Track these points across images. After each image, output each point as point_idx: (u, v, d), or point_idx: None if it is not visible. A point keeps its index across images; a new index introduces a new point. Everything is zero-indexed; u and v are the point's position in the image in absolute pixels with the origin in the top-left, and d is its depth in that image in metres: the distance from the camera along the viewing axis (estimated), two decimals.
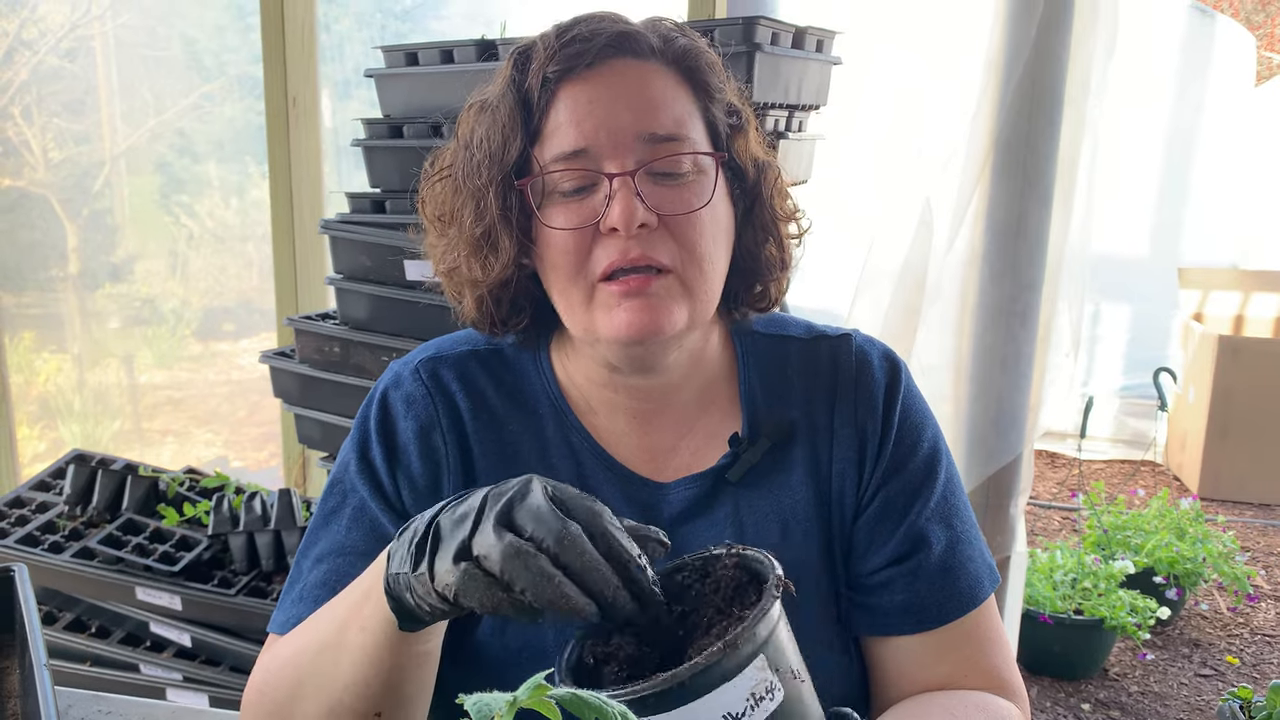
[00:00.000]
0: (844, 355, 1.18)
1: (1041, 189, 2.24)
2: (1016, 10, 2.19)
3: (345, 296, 2.32)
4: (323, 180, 3.31)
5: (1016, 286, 2.27)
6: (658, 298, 1.02)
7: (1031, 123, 2.21)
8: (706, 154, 1.05)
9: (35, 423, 4.18)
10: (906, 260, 2.45)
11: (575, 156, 1.02)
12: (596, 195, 1.02)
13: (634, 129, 1.02)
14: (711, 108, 1.08)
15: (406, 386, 1.16)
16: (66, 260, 4.15)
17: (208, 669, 2.08)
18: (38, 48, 3.94)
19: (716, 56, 1.11)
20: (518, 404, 1.16)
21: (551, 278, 1.07)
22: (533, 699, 0.56)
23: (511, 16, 2.35)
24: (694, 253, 1.03)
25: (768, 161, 1.14)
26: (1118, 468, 5.57)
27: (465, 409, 1.14)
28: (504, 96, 1.06)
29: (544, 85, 1.03)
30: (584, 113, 1.02)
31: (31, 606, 1.20)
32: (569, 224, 1.03)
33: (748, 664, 0.71)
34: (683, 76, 1.07)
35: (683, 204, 1.02)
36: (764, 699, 0.71)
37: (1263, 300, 5.57)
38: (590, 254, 1.03)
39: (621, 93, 1.03)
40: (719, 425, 1.16)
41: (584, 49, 1.03)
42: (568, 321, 1.09)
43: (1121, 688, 3.45)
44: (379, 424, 1.15)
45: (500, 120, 1.05)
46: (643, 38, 1.05)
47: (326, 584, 1.09)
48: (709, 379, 1.17)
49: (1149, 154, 5.51)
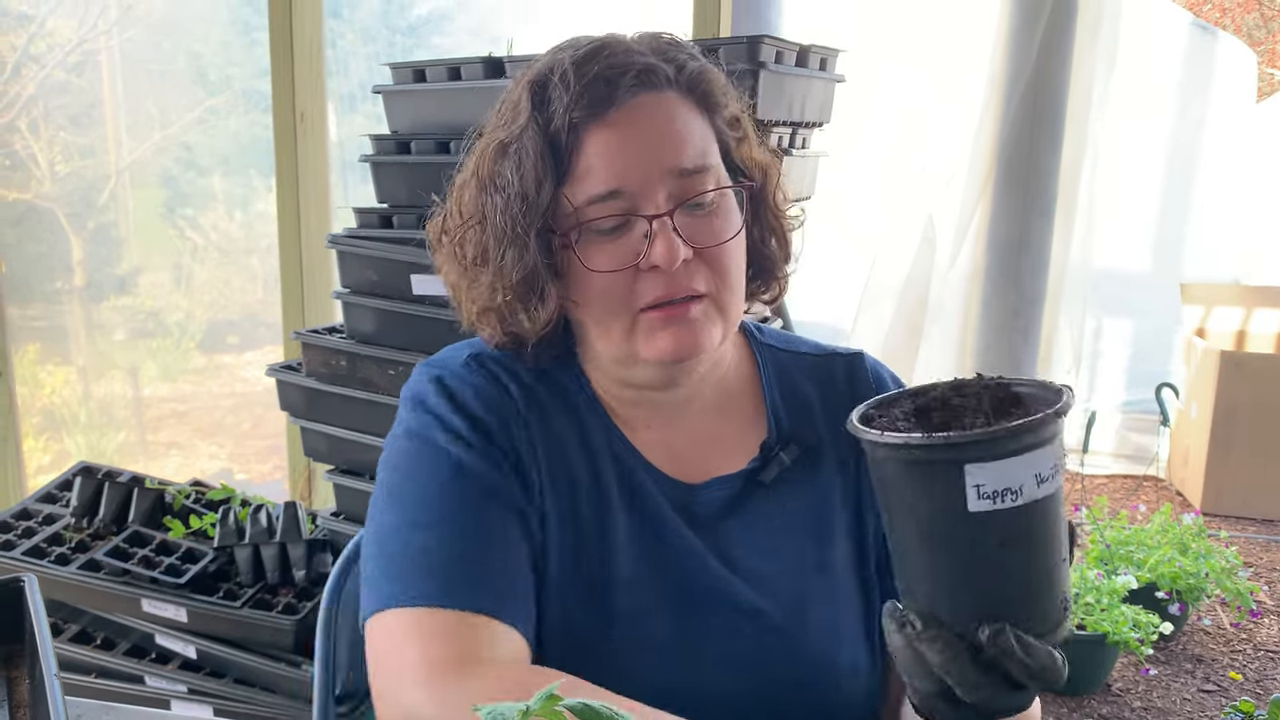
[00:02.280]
0: (860, 372, 1.23)
1: (1043, 205, 2.25)
2: (1018, 30, 2.21)
3: (352, 311, 2.34)
4: (330, 195, 3.33)
5: (1019, 302, 2.29)
6: (698, 322, 1.06)
7: (1033, 140, 2.23)
8: (735, 187, 1.09)
9: (40, 434, 4.20)
10: (909, 276, 2.47)
11: (610, 198, 1.04)
12: (634, 233, 1.05)
13: (664, 165, 1.04)
14: (720, 125, 1.11)
15: (467, 378, 1.14)
16: (72, 273, 4.17)
17: (213, 681, 2.08)
18: (45, 62, 3.97)
19: (720, 73, 1.13)
20: (561, 401, 1.17)
21: (590, 312, 1.09)
22: (545, 709, 0.57)
23: (516, 34, 2.37)
24: (726, 278, 1.07)
25: (769, 162, 1.17)
26: (1120, 483, 5.57)
27: (522, 403, 1.14)
28: (529, 138, 1.06)
29: (571, 129, 1.04)
30: (614, 152, 1.04)
31: (41, 617, 1.20)
32: (610, 265, 1.05)
33: (1054, 439, 0.82)
34: (696, 102, 1.09)
35: (714, 235, 1.06)
36: (1056, 474, 0.82)
37: (1265, 316, 5.58)
38: (632, 289, 1.05)
39: (648, 130, 1.05)
40: (741, 431, 1.19)
41: (609, 92, 1.04)
42: (604, 348, 1.11)
43: (1124, 703, 3.45)
44: (451, 404, 1.11)
45: (530, 164, 1.05)
46: (660, 70, 1.07)
47: (439, 548, 1.03)
48: (728, 387, 1.20)
49: (1151, 170, 5.52)
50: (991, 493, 0.80)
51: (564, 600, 1.09)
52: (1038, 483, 0.80)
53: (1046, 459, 0.81)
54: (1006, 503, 0.80)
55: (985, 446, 0.79)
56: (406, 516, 1.06)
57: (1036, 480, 0.80)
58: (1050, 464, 0.81)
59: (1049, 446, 0.81)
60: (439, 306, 2.20)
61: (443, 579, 1.01)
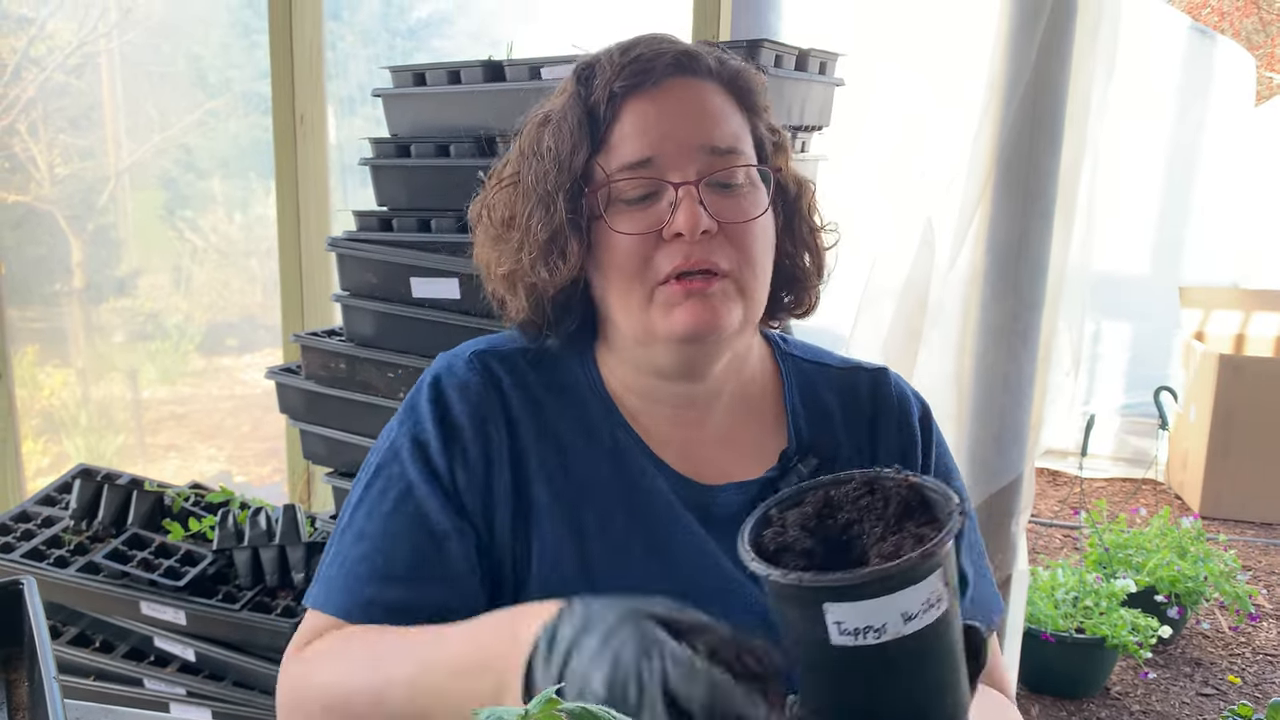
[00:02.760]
0: (884, 388, 1.25)
1: (1042, 209, 2.26)
2: (1017, 33, 2.22)
3: (352, 313, 2.34)
4: (329, 197, 3.33)
5: (1018, 305, 2.29)
6: (716, 298, 1.07)
7: (1033, 143, 2.23)
8: (764, 168, 1.12)
9: (39, 437, 4.19)
10: (908, 279, 2.47)
11: (641, 166, 1.07)
12: (660, 203, 1.07)
13: (696, 141, 1.07)
14: (759, 126, 1.15)
15: (460, 375, 1.17)
16: (71, 275, 4.17)
17: (211, 684, 2.08)
18: (45, 64, 3.97)
19: (763, 78, 1.17)
20: (564, 400, 1.18)
21: (612, 279, 1.11)
22: (544, 712, 0.58)
23: (516, 35, 2.37)
24: (749, 258, 1.09)
25: (804, 179, 1.21)
26: (1119, 486, 5.57)
27: (516, 401, 1.16)
28: (570, 109, 1.10)
29: (610, 100, 1.09)
30: (650, 124, 1.08)
31: (40, 619, 1.20)
32: (635, 229, 1.07)
33: (930, 574, 0.80)
34: (735, 96, 1.13)
35: (741, 213, 1.08)
36: (933, 606, 0.80)
37: (1264, 319, 5.59)
38: (653, 258, 1.07)
39: (685, 108, 1.09)
40: (760, 438, 1.20)
41: (649, 67, 1.09)
42: (624, 323, 1.12)
43: (1123, 707, 3.45)
44: (434, 408, 1.15)
45: (567, 130, 1.10)
46: (702, 59, 1.11)
47: (368, 559, 1.09)
48: (750, 392, 1.21)
49: (1150, 173, 5.53)
50: (852, 630, 0.79)
51: (555, 596, 1.09)
52: (904, 620, 0.79)
53: (916, 596, 0.79)
54: (869, 639, 0.79)
55: (843, 591, 0.79)
56: (355, 524, 1.13)
57: (903, 618, 0.78)
58: (922, 600, 0.79)
59: (921, 584, 0.79)
60: (438, 309, 2.20)
61: (358, 598, 1.08)
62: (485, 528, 1.12)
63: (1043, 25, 2.19)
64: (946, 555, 0.81)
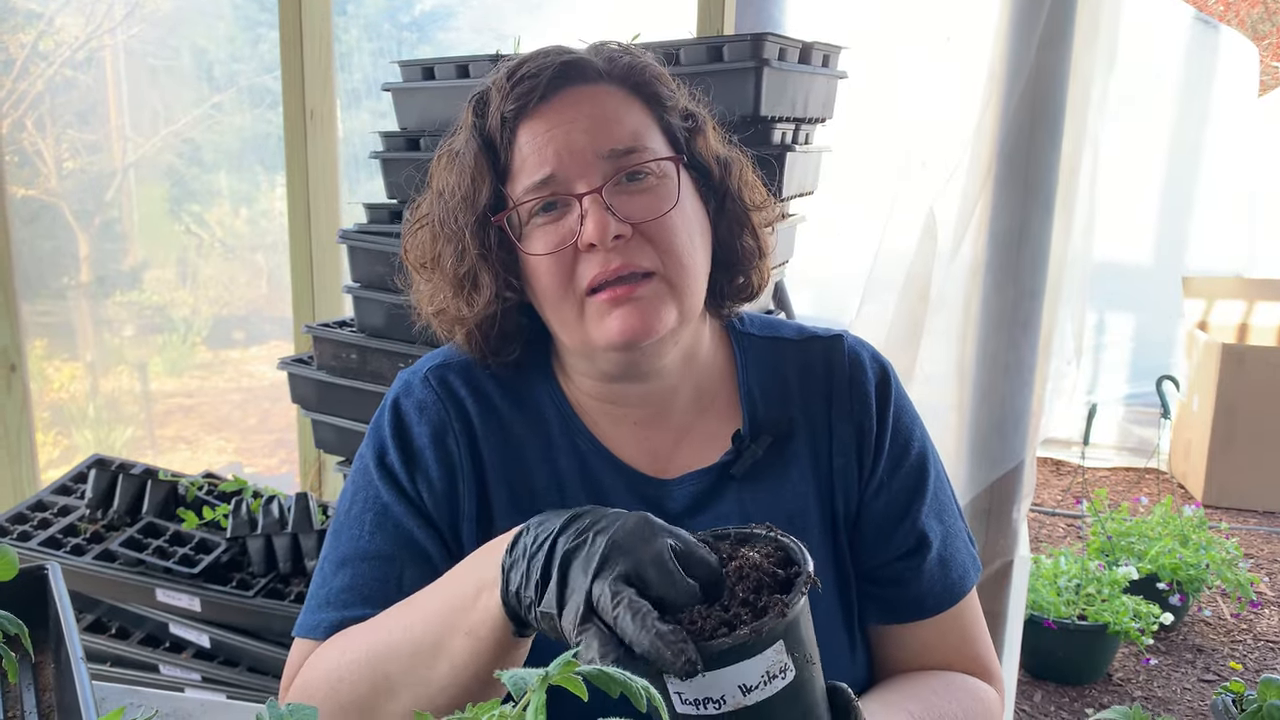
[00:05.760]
0: (837, 355, 1.23)
1: (1043, 199, 2.27)
2: (1018, 25, 2.23)
3: (363, 304, 2.37)
4: (339, 190, 3.36)
5: (1019, 295, 2.31)
6: (646, 300, 1.07)
7: (1033, 134, 2.25)
8: (665, 158, 1.10)
9: (49, 429, 4.22)
10: (911, 270, 2.49)
11: (544, 184, 1.08)
12: (570, 216, 1.07)
13: (593, 148, 1.07)
14: (666, 116, 1.13)
15: (417, 394, 1.20)
16: (79, 269, 4.20)
17: (226, 669, 2.12)
18: (53, 59, 3.99)
19: (662, 68, 1.16)
20: (523, 408, 1.20)
21: (542, 301, 1.12)
22: (562, 675, 0.60)
23: (520, 26, 2.40)
24: (672, 253, 1.08)
25: (730, 156, 1.19)
26: (1122, 475, 5.59)
27: (474, 413, 1.18)
28: (469, 142, 1.12)
29: (504, 125, 1.09)
30: (544, 141, 1.08)
31: (65, 602, 1.23)
32: (549, 248, 1.08)
33: (768, 647, 0.79)
34: (632, 92, 1.12)
35: (652, 210, 1.07)
36: (776, 677, 0.80)
37: (1266, 309, 5.60)
38: (574, 272, 1.08)
39: (575, 116, 1.08)
40: (719, 425, 1.20)
41: (534, 85, 1.09)
42: (564, 338, 1.14)
43: (1125, 692, 3.48)
44: (394, 430, 1.18)
45: (467, 165, 1.11)
46: (588, 64, 1.11)
47: (353, 588, 1.12)
48: (706, 380, 1.21)
49: (1154, 163, 5.54)
50: (693, 700, 0.80)
51: None
52: (744, 692, 0.79)
53: (754, 669, 0.79)
54: (709, 710, 0.80)
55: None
56: (336, 552, 1.16)
57: (742, 690, 0.79)
58: (761, 672, 0.79)
59: (758, 657, 0.79)
60: None
61: (338, 621, 1.11)
62: (454, 539, 1.16)
63: (1044, 16, 2.20)
64: (792, 625, 0.81)
